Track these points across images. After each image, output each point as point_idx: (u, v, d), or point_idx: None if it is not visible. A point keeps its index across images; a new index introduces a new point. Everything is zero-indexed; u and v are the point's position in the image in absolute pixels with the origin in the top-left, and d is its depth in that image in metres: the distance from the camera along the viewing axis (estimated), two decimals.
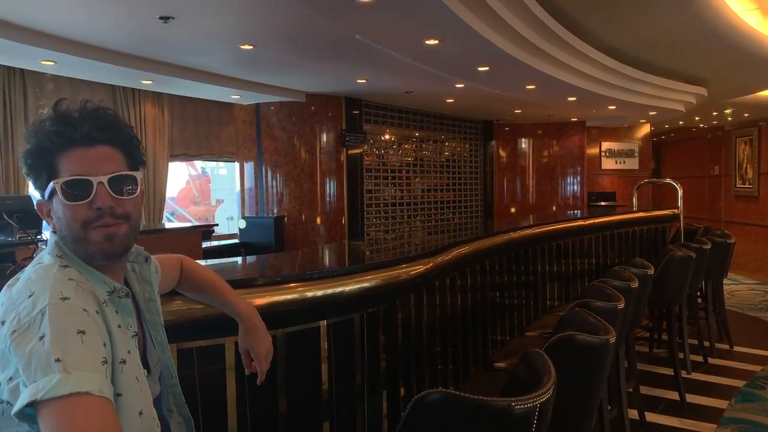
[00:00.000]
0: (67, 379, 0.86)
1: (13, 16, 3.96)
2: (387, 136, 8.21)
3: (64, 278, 1.01)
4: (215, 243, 6.96)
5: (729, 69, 6.96)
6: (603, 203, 10.15)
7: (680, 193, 5.56)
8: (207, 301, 1.54)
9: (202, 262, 1.78)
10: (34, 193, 1.13)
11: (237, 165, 7.49)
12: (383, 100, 7.79)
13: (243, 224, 7.07)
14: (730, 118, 10.85)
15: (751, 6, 4.94)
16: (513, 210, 10.18)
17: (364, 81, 6.26)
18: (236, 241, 7.17)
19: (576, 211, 7.32)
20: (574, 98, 7.29)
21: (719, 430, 3.47)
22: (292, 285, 1.79)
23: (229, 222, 9.34)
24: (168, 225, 7.18)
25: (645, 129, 11.05)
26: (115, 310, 1.08)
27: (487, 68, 5.37)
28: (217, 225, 7.46)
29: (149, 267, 1.29)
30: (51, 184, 1.06)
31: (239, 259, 2.67)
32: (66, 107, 1.09)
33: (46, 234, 1.20)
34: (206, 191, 11.46)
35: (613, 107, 8.27)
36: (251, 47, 4.74)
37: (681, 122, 11.62)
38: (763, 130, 10.54)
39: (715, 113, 10.45)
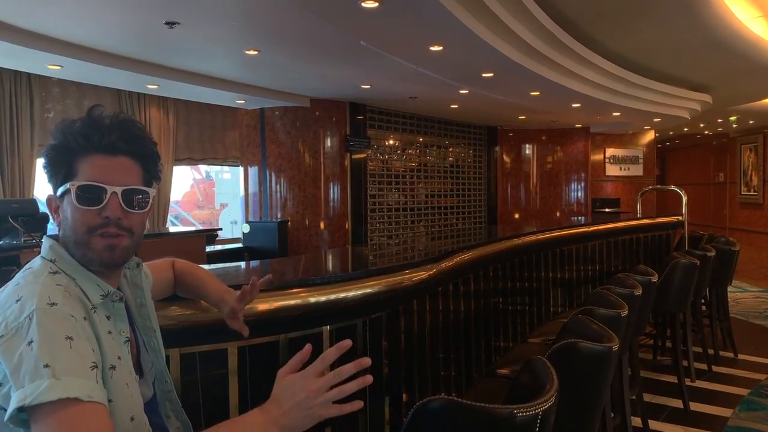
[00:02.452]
0: (55, 384, 0.86)
1: (20, 20, 3.99)
2: (391, 142, 8.22)
3: (53, 284, 1.01)
4: (219, 247, 6.97)
5: (734, 76, 6.95)
6: (607, 210, 10.12)
7: (685, 200, 5.54)
8: (201, 297, 1.54)
9: (205, 267, 1.78)
10: (42, 192, 1.14)
11: (241, 169, 7.51)
12: (387, 106, 7.80)
13: (247, 228, 7.08)
14: (735, 125, 10.83)
15: (757, 14, 4.94)
16: (517, 216, 10.17)
17: (369, 86, 6.28)
18: (240, 245, 7.18)
19: (580, 218, 7.30)
20: (579, 105, 7.29)
21: None
22: (295, 290, 1.79)
23: (233, 226, 9.36)
24: (172, 229, 7.21)
25: (649, 135, 11.03)
26: (106, 315, 1.09)
27: (491, 74, 5.38)
28: (220, 229, 7.47)
29: (140, 272, 1.30)
30: (66, 184, 1.08)
31: (242, 264, 2.67)
32: (99, 113, 1.11)
33: None
34: (210, 195, 11.49)
35: (617, 114, 8.27)
36: (256, 52, 4.76)
37: (686, 129, 11.60)
38: None
39: (720, 120, 10.44)
